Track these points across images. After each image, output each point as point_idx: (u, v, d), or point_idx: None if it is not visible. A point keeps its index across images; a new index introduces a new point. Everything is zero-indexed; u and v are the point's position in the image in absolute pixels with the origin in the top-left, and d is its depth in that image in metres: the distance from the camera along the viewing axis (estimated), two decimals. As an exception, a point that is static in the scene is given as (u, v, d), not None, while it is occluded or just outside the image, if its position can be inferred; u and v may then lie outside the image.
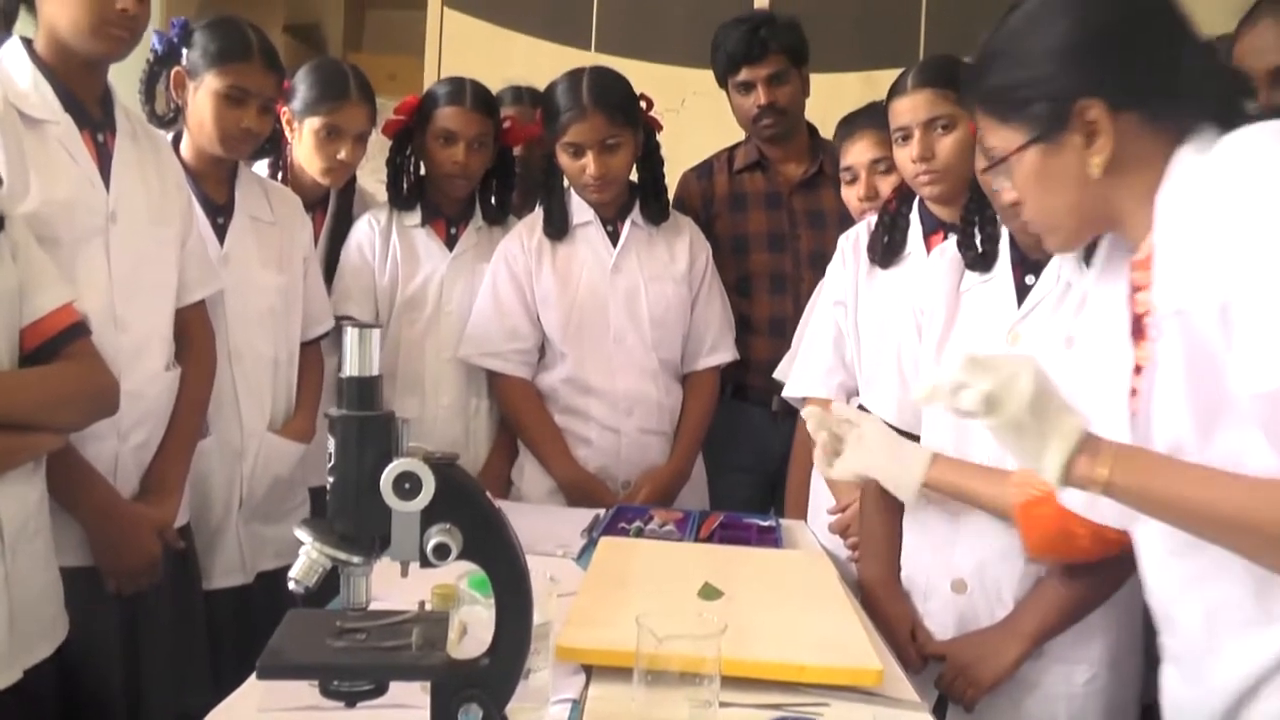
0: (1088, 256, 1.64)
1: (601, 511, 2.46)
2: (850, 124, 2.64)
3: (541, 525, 2.30)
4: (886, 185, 2.50)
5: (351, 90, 2.65)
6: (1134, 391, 1.35)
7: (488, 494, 1.19)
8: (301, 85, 2.66)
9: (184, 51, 2.33)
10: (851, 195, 2.60)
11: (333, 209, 2.85)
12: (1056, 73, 1.30)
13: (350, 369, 1.12)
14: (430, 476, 1.09)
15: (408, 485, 1.09)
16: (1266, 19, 1.97)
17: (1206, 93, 1.28)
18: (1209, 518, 1.18)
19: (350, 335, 1.12)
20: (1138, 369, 1.35)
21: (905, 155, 2.23)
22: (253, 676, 1.48)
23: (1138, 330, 1.36)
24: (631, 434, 2.70)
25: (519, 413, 2.74)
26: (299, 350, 2.56)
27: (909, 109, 2.21)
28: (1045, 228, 1.41)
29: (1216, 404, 1.19)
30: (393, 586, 1.23)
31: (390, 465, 1.08)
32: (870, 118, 2.56)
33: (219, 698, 1.42)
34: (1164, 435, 1.27)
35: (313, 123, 2.63)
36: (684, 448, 2.78)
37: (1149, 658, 1.69)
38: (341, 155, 2.64)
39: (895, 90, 2.27)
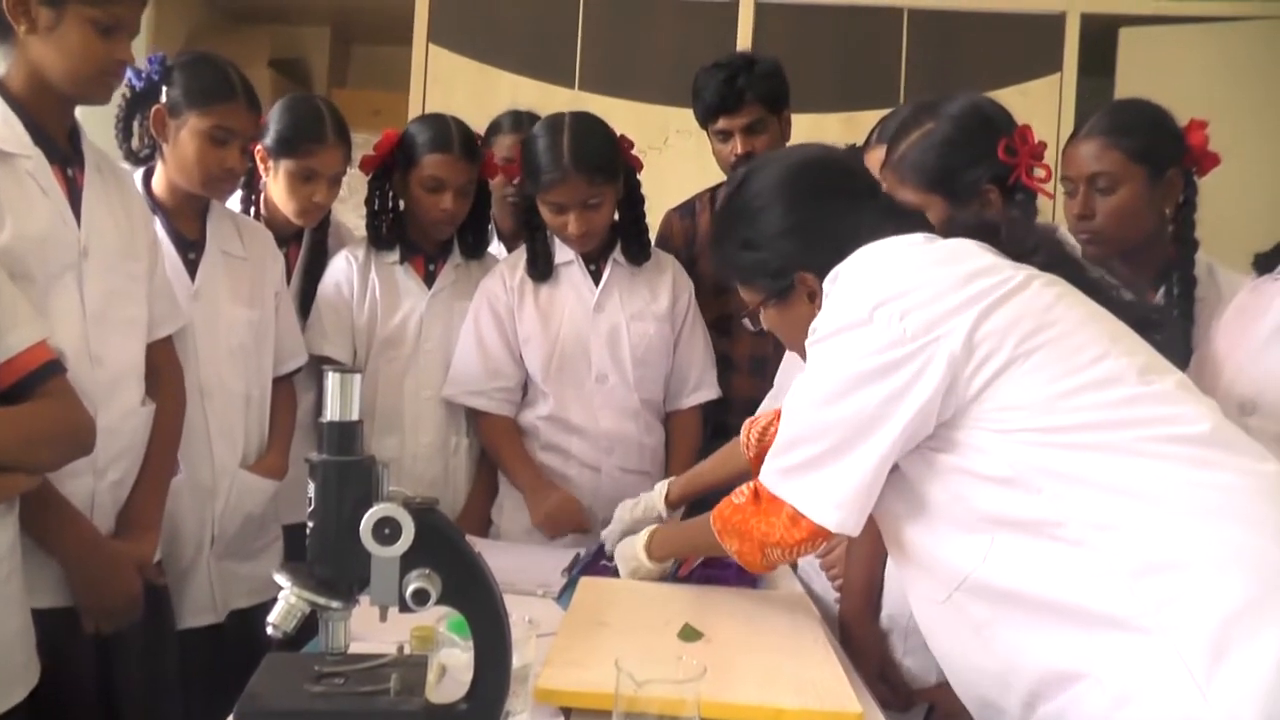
0: None
1: (582, 551, 2.46)
2: None
3: (521, 564, 2.29)
4: None
5: (328, 134, 2.63)
6: None
7: (466, 538, 1.19)
8: (276, 124, 2.64)
9: (163, 89, 2.33)
10: None
11: (307, 242, 2.84)
12: (779, 255, 1.68)
13: (331, 414, 1.12)
14: (410, 522, 1.08)
15: (387, 530, 1.09)
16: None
17: (884, 226, 1.65)
18: (700, 548, 2.06)
19: (332, 380, 1.12)
20: None
21: None
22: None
23: None
24: (612, 473, 2.70)
25: (501, 451, 2.74)
26: (271, 386, 2.54)
27: (874, 163, 2.23)
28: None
29: None
30: (372, 627, 1.23)
31: (370, 511, 1.08)
32: None
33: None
34: None
35: (288, 165, 2.61)
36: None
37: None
38: (316, 198, 2.64)
39: (869, 144, 2.31)
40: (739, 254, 1.73)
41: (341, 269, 2.78)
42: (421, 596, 1.11)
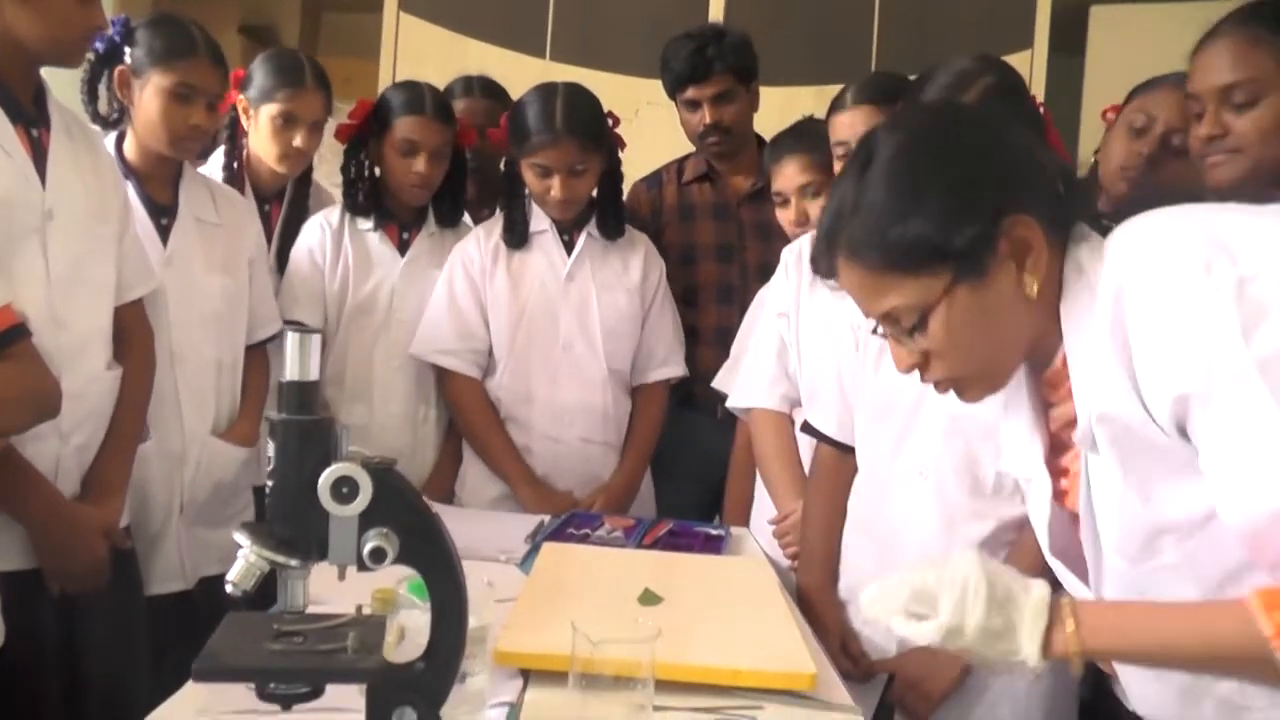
0: None
1: (546, 518, 2.47)
2: (778, 147, 2.66)
3: (486, 530, 2.31)
4: (816, 209, 2.52)
5: (307, 77, 2.66)
6: (1064, 495, 1.33)
7: (424, 499, 1.20)
8: (258, 73, 2.67)
9: (126, 50, 2.31)
10: (784, 218, 2.63)
11: (290, 197, 2.85)
12: (968, 201, 1.21)
13: (290, 373, 1.13)
14: (368, 481, 1.10)
15: (345, 490, 1.10)
16: (1224, 39, 1.83)
17: (1070, 191, 1.27)
18: (1183, 659, 1.16)
19: (291, 340, 1.13)
20: (1060, 489, 1.34)
21: None
22: (192, 680, 1.49)
23: (1057, 446, 1.33)
24: (573, 443, 2.72)
25: (468, 413, 2.75)
26: (244, 353, 2.54)
27: (848, 125, 2.24)
28: (978, 374, 1.30)
29: (1160, 511, 1.17)
30: (333, 590, 1.25)
31: (329, 470, 1.10)
32: (798, 140, 2.60)
33: (160, 703, 1.42)
34: (1111, 543, 1.25)
35: (269, 109, 2.64)
36: (633, 460, 2.80)
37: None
38: (297, 142, 2.65)
39: (835, 106, 2.31)
40: (896, 226, 1.23)
41: (315, 234, 2.78)
42: (379, 555, 1.12)
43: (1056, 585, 1.32)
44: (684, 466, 2.94)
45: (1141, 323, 1.10)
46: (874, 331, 1.34)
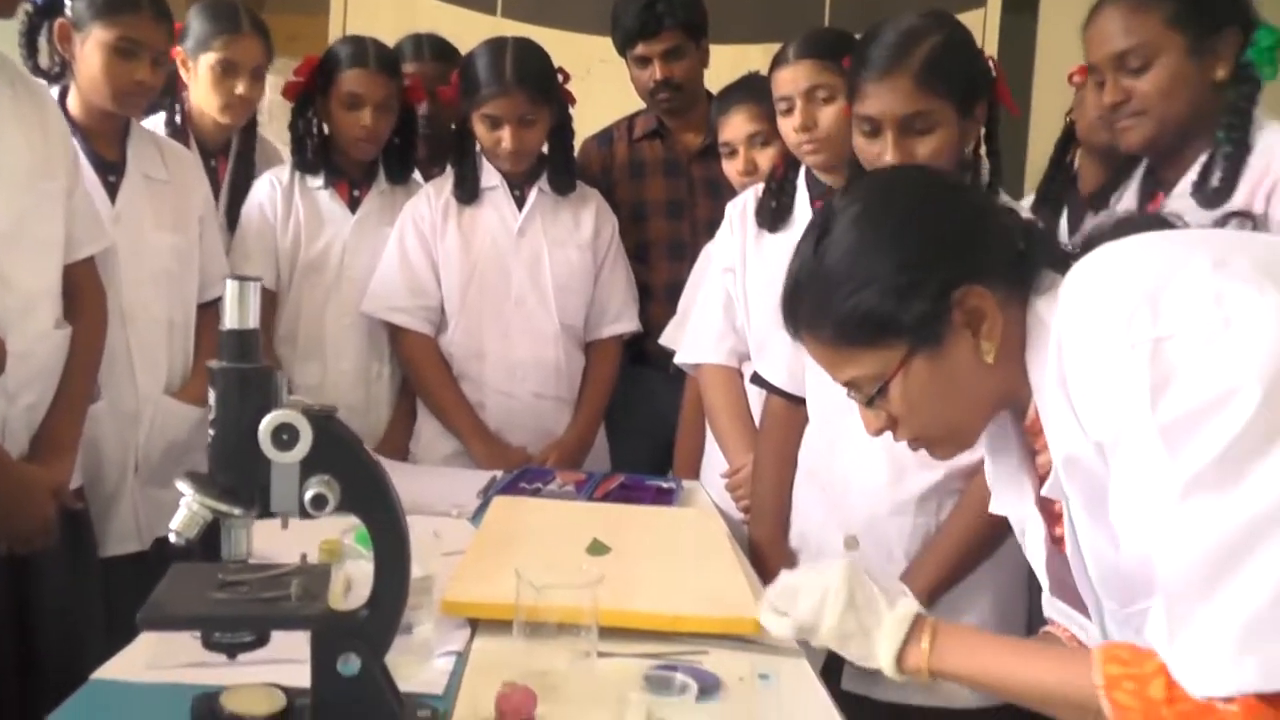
0: None
1: (499, 474, 2.49)
2: (726, 99, 2.66)
3: (439, 486, 2.33)
4: (765, 159, 2.55)
5: (243, 22, 2.63)
6: (1060, 540, 1.33)
7: (372, 452, 1.21)
8: (193, 22, 2.64)
9: (67, 2, 2.27)
10: (731, 170, 2.65)
11: (236, 151, 2.83)
12: (920, 275, 1.22)
13: (230, 321, 1.13)
14: (308, 428, 1.10)
15: (286, 436, 1.10)
16: (1110, 7, 1.92)
17: (1030, 245, 1.29)
18: (1025, 695, 1.23)
19: (231, 287, 1.12)
20: (1056, 535, 1.35)
21: (788, 125, 2.27)
22: (142, 635, 1.49)
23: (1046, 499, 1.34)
24: (525, 399, 2.74)
25: (421, 370, 2.76)
26: (196, 312, 2.53)
27: (790, 80, 2.25)
28: (944, 437, 1.33)
29: (1129, 557, 1.15)
30: (281, 544, 1.26)
31: (269, 416, 1.10)
32: (745, 92, 2.61)
33: (114, 662, 1.42)
34: (1104, 589, 1.26)
35: (207, 59, 2.60)
36: (587, 415, 2.82)
37: (1033, 606, 1.77)
38: (239, 90, 2.62)
39: (777, 61, 2.32)
40: (849, 300, 1.24)
41: (265, 191, 2.77)
42: (320, 502, 1.12)
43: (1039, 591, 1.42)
44: (637, 422, 2.96)
45: (1074, 373, 1.12)
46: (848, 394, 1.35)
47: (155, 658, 1.42)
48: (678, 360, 2.62)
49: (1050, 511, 1.35)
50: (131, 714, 1.31)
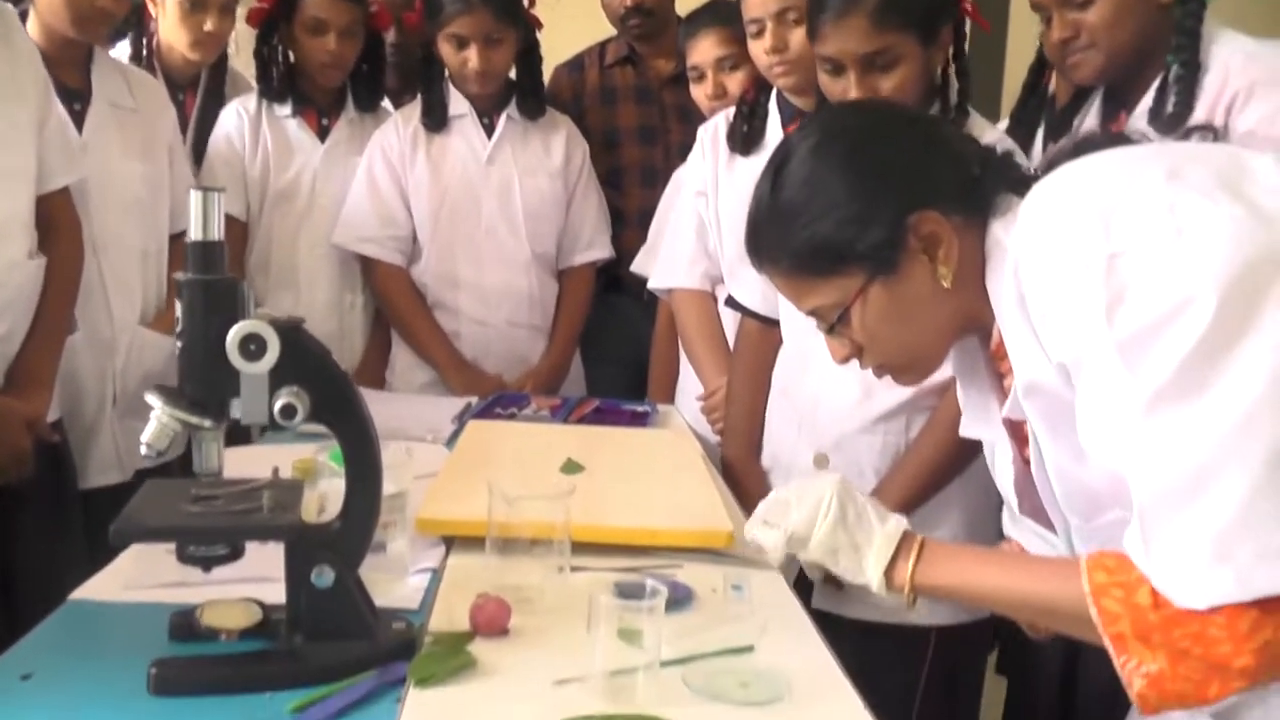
0: None
1: (474, 400, 2.49)
2: (693, 22, 2.64)
3: (414, 412, 2.33)
4: (734, 83, 2.53)
5: None
6: (1027, 462, 1.34)
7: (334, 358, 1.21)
8: None
9: None
10: (700, 94, 2.63)
11: (204, 87, 2.79)
12: (873, 204, 1.24)
13: (195, 233, 1.12)
14: (275, 338, 1.10)
15: (253, 347, 1.10)
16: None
17: (986, 170, 1.29)
18: (1014, 607, 1.23)
19: (194, 198, 1.12)
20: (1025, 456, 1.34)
21: (759, 48, 2.25)
22: (119, 557, 1.50)
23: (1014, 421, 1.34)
24: (500, 327, 2.74)
25: (394, 301, 2.76)
26: (169, 242, 2.50)
27: (760, 2, 2.23)
28: (907, 364, 1.35)
29: (1092, 471, 1.17)
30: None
31: (236, 326, 1.10)
32: (713, 15, 2.59)
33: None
34: (1068, 506, 1.27)
35: None
36: (561, 342, 2.83)
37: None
38: (208, 27, 2.58)
39: None
40: (805, 232, 1.27)
41: (232, 121, 2.75)
42: (289, 412, 1.13)
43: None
44: (612, 350, 2.97)
45: (1033, 295, 1.11)
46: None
47: (132, 578, 1.43)
48: (651, 285, 2.62)
49: (1019, 434, 1.35)
50: (110, 632, 1.31)
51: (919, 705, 1.94)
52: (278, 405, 1.13)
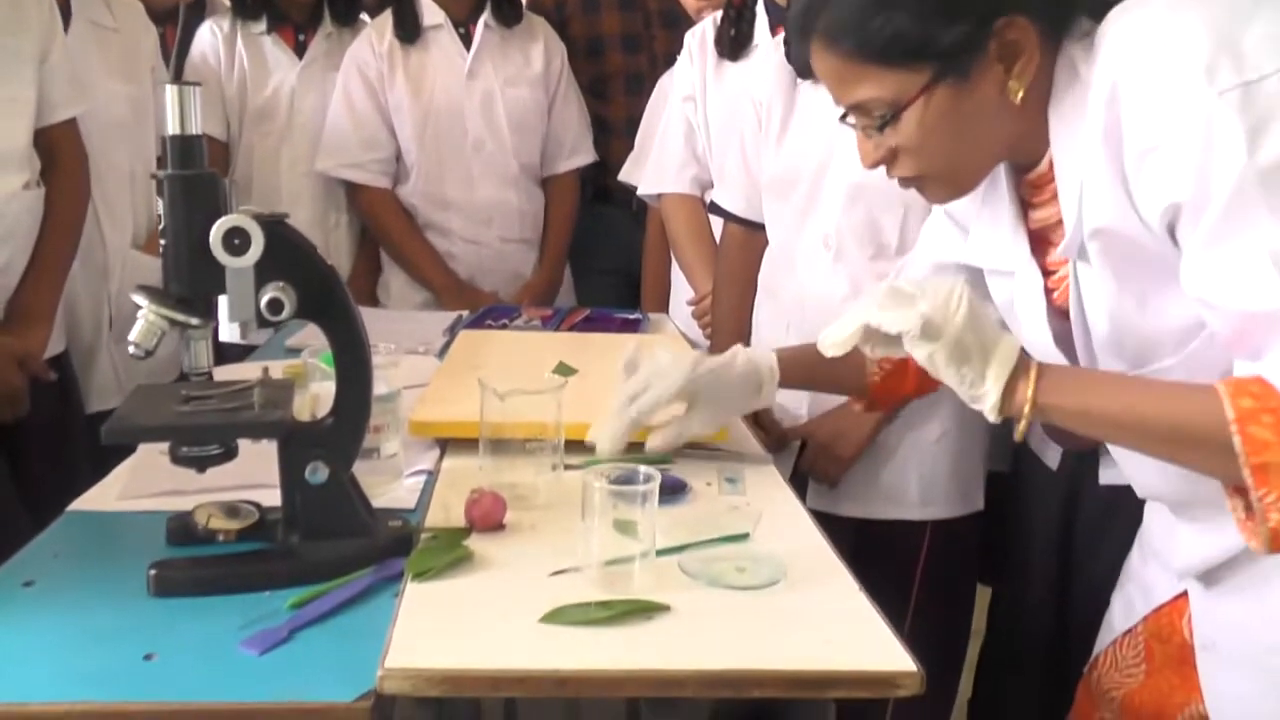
0: None
1: (465, 313, 2.49)
2: None
3: (407, 327, 2.33)
4: None
5: None
6: (1050, 293, 1.28)
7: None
8: None
9: None
10: None
11: (183, 20, 2.75)
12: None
13: (173, 128, 1.10)
14: (259, 231, 1.09)
15: (237, 241, 1.09)
16: None
17: None
18: (1144, 430, 1.09)
19: (170, 92, 1.10)
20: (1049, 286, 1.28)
21: None
22: (115, 469, 1.50)
23: (1039, 245, 1.28)
24: (493, 244, 2.73)
25: (383, 224, 2.74)
26: (156, 164, 2.48)
27: None
28: (948, 176, 1.25)
29: (1158, 316, 1.13)
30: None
31: (219, 221, 1.09)
32: None
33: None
34: (1106, 355, 1.22)
35: None
36: (552, 254, 2.83)
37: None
38: None
39: None
40: (882, 14, 1.14)
41: (207, 40, 2.71)
42: (276, 306, 1.12)
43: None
44: (602, 261, 2.96)
45: (1136, 130, 1.04)
46: (842, 119, 1.25)
47: (128, 488, 1.43)
48: (640, 192, 2.60)
49: (1041, 266, 1.29)
50: (108, 539, 1.32)
51: (915, 596, 1.96)
52: (264, 300, 1.11)
